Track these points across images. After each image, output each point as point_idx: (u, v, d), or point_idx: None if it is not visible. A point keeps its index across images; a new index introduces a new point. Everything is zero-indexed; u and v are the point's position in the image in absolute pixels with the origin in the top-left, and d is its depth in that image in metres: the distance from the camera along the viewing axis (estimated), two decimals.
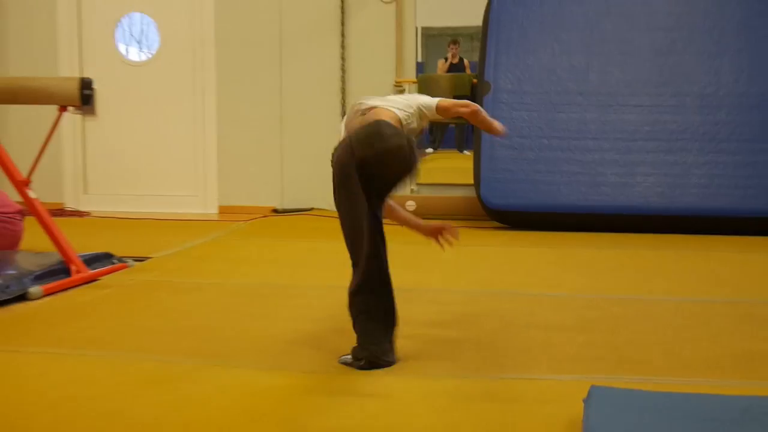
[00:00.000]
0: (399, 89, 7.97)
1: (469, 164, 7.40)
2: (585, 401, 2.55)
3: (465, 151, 8.43)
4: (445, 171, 8.42)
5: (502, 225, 7.29)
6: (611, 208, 7.02)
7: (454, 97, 3.72)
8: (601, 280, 5.01)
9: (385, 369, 3.15)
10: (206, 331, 3.75)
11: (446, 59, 8.30)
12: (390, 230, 3.24)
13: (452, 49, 8.34)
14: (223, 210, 8.52)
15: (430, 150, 8.40)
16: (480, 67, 7.45)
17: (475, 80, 7.75)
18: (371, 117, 3.35)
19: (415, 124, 3.52)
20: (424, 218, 3.95)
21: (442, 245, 3.86)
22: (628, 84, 7.28)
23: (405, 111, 3.47)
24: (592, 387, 2.63)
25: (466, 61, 8.38)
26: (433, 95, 3.60)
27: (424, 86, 8.01)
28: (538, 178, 7.14)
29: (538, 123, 7.26)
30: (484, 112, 3.65)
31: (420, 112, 3.54)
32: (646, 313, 4.15)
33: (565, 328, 3.85)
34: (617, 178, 7.10)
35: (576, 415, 2.55)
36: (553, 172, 7.15)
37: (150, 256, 5.70)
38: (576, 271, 5.31)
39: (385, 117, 3.33)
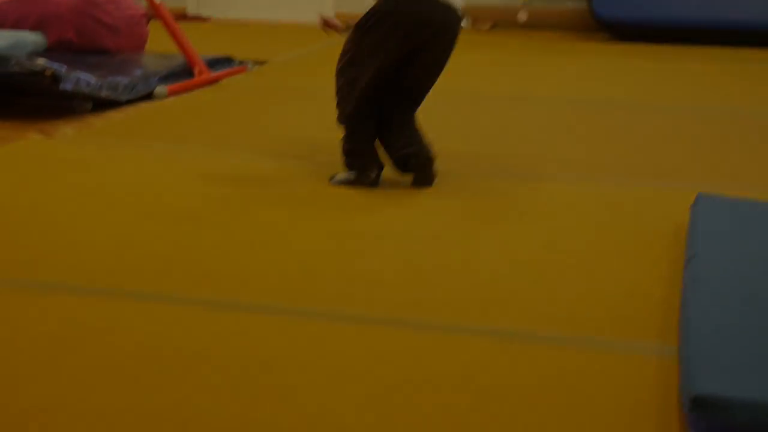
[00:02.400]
0: None
1: None
2: (692, 208, 2.44)
3: None
4: None
5: (611, 37, 6.96)
6: (725, 22, 6.63)
7: None
8: (709, 94, 4.80)
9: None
10: (313, 137, 3.66)
11: None
12: None
13: None
14: (340, 16, 8.30)
15: None
16: None
17: None
18: None
19: None
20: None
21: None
22: None
23: None
24: (699, 194, 2.52)
25: None
26: None
27: None
28: None
29: None
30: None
31: None
32: (752, 127, 3.98)
33: (666, 138, 3.71)
34: None
35: (682, 222, 2.44)
36: None
37: (268, 60, 5.61)
38: (682, 84, 5.10)
39: None
